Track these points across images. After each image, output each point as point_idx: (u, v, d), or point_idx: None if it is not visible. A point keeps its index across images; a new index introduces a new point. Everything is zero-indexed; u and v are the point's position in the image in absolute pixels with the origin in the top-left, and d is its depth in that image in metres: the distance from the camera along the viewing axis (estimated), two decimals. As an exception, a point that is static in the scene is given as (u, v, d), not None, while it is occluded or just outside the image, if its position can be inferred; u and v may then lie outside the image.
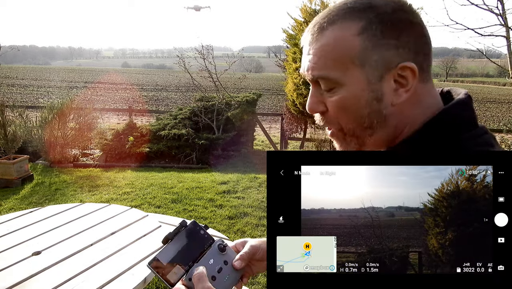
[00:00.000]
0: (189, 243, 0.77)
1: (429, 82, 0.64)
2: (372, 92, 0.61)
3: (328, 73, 0.62)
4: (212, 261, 0.75)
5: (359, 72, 0.60)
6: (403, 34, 0.59)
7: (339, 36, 0.61)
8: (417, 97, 0.62)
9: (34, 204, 4.52)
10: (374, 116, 0.62)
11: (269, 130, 11.02)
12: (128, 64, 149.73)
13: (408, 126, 0.63)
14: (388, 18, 0.59)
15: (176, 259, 0.74)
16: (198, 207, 4.34)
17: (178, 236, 0.77)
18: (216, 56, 9.14)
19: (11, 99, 17.63)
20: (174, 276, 0.73)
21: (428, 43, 0.62)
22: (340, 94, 0.62)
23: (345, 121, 0.64)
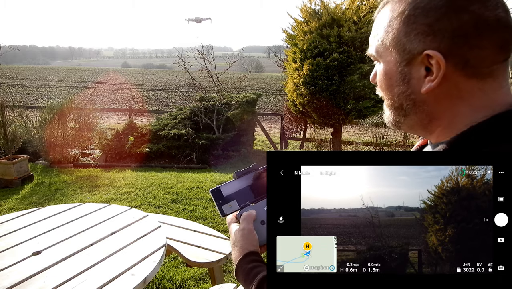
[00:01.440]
0: (253, 185, 0.81)
1: (485, 80, 0.58)
2: (400, 73, 0.62)
3: (372, 50, 0.67)
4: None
5: (392, 53, 0.62)
6: (438, 22, 0.56)
7: (384, 17, 0.64)
8: (458, 92, 0.59)
9: (34, 204, 4.52)
10: (403, 99, 0.63)
11: (269, 130, 11.02)
12: (128, 64, 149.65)
13: (448, 121, 0.61)
14: (425, 3, 0.58)
15: (235, 195, 0.80)
16: (198, 207, 4.34)
17: (247, 176, 0.82)
18: (216, 56, 9.14)
19: (11, 99, 17.62)
20: (228, 209, 0.80)
21: (480, 34, 0.55)
22: (379, 69, 0.67)
23: (385, 94, 0.67)
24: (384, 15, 0.64)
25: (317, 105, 6.59)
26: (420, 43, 0.58)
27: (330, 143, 8.03)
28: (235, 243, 0.75)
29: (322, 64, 6.43)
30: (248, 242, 0.73)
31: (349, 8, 6.74)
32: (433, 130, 0.64)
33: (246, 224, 0.75)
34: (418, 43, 0.59)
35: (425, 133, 0.66)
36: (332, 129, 7.66)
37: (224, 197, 0.80)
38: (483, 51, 0.56)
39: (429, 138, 0.68)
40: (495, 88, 0.58)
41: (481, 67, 0.57)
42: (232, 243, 0.76)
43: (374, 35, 0.66)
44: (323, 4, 6.84)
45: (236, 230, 0.76)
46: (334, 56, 6.40)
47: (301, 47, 6.83)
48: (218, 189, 0.81)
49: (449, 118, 0.61)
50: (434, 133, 0.64)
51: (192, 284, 2.77)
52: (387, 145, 8.20)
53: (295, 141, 9.34)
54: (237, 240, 0.74)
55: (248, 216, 0.76)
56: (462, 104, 0.59)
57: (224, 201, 0.80)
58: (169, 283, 2.77)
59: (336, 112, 6.63)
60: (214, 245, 2.45)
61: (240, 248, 0.73)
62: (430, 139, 0.67)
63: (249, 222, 0.75)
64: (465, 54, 0.56)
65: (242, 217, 0.76)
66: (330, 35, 6.54)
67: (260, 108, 16.69)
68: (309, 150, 7.46)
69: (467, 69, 0.57)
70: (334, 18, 6.64)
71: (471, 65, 0.56)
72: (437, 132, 0.63)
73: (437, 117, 0.62)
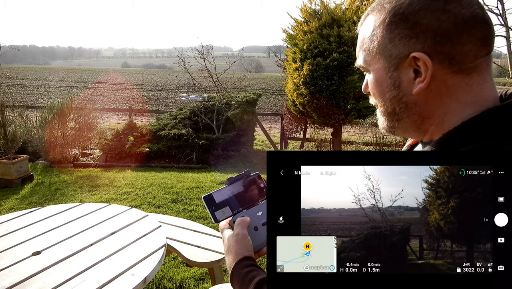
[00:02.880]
0: (246, 191, 0.82)
1: (471, 75, 0.59)
2: (390, 79, 0.64)
3: (360, 61, 0.69)
4: (260, 213, 0.80)
5: (380, 60, 0.64)
6: (419, 24, 0.59)
7: (368, 28, 0.66)
8: (447, 89, 0.60)
9: (34, 204, 4.52)
10: (395, 103, 0.65)
11: (269, 130, 11.02)
12: (128, 64, 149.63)
13: (439, 119, 0.62)
14: (403, 9, 0.60)
15: (228, 201, 0.81)
16: (198, 207, 4.34)
17: (239, 182, 0.83)
18: (216, 56, 9.13)
19: (11, 99, 17.62)
20: (221, 215, 0.80)
21: (460, 31, 0.57)
22: (370, 78, 0.68)
23: (378, 101, 0.69)
24: (367, 26, 0.67)
25: (317, 105, 6.60)
26: (405, 47, 0.60)
27: (330, 143, 8.03)
28: (229, 248, 0.75)
29: (322, 64, 6.43)
30: (243, 247, 0.73)
31: (349, 8, 6.74)
32: (427, 129, 0.65)
33: (240, 229, 0.75)
34: (403, 47, 0.60)
35: (419, 134, 0.67)
36: (332, 129, 7.67)
37: (216, 203, 0.80)
38: (465, 47, 0.58)
39: (423, 139, 0.68)
40: (480, 83, 0.60)
41: (466, 62, 0.59)
42: (226, 249, 0.77)
43: (360, 46, 0.69)
44: (323, 4, 6.84)
45: (230, 236, 0.76)
46: (334, 56, 6.40)
47: (301, 47, 6.83)
48: (211, 195, 0.81)
49: (440, 116, 0.62)
50: (427, 133, 0.65)
51: (192, 284, 2.77)
52: (387, 145, 8.21)
53: (295, 141, 9.34)
54: (231, 245, 0.75)
55: (242, 221, 0.76)
56: (451, 101, 0.61)
57: (217, 207, 0.80)
58: (169, 283, 2.77)
59: (336, 112, 6.63)
60: (214, 245, 2.45)
61: (235, 254, 0.73)
62: (424, 140, 0.68)
63: (243, 227, 0.75)
64: (449, 51, 0.58)
65: (236, 222, 0.76)
66: (330, 35, 6.54)
67: (260, 108, 16.69)
68: (309, 150, 7.47)
69: (453, 65, 0.59)
70: (334, 18, 6.64)
71: (456, 61, 0.58)
72: (430, 131, 0.64)
73: (429, 116, 0.63)
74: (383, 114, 0.69)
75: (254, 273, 0.70)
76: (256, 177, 0.85)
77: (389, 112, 0.67)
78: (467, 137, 0.58)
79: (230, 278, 0.73)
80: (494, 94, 0.61)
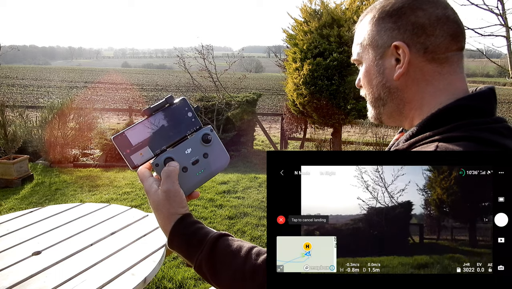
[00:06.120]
0: (170, 124, 0.66)
1: (443, 65, 0.69)
2: (376, 66, 0.73)
3: (354, 55, 0.79)
4: (189, 150, 0.66)
5: (369, 51, 0.74)
6: (401, 19, 0.69)
7: (362, 26, 0.77)
8: (423, 76, 0.69)
9: (34, 204, 4.52)
10: (380, 88, 0.74)
11: (269, 130, 11.02)
12: (128, 64, 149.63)
13: (418, 103, 0.71)
14: (389, 7, 0.71)
15: (147, 140, 0.65)
16: (198, 207, 4.34)
17: (159, 113, 0.66)
18: (216, 56, 9.13)
19: (11, 99, 17.63)
20: (139, 158, 0.64)
21: (433, 26, 0.67)
22: (362, 70, 0.77)
23: (366, 90, 0.77)
24: (361, 26, 0.77)
25: (317, 105, 6.59)
26: (388, 37, 0.71)
27: (330, 143, 8.03)
28: (159, 206, 0.66)
29: (322, 64, 6.43)
30: (177, 205, 0.65)
31: (349, 8, 6.74)
32: (408, 114, 0.73)
33: (171, 184, 0.64)
34: (387, 38, 0.71)
35: (402, 119, 0.75)
36: (332, 129, 7.67)
37: (133, 145, 0.64)
38: (437, 39, 0.68)
39: (405, 125, 0.76)
40: (451, 73, 0.69)
41: (438, 53, 0.68)
42: (153, 204, 0.66)
43: (356, 44, 0.78)
44: (323, 4, 6.84)
45: (158, 191, 0.66)
46: (334, 56, 6.40)
47: (301, 47, 6.83)
48: (123, 134, 0.64)
49: (418, 100, 0.71)
50: (409, 118, 0.73)
51: (192, 284, 2.77)
52: (387, 145, 8.20)
53: (295, 141, 9.34)
54: (161, 202, 0.65)
55: (171, 172, 0.64)
56: (428, 87, 0.70)
57: (134, 149, 0.64)
58: (169, 283, 2.77)
59: (336, 112, 6.63)
60: (214, 245, 2.44)
61: (168, 212, 0.65)
62: (406, 126, 0.75)
63: (174, 181, 0.65)
64: (424, 41, 0.68)
65: (164, 173, 0.64)
66: (330, 35, 6.54)
67: (260, 108, 16.68)
68: (309, 150, 7.47)
69: (427, 54, 0.68)
70: (334, 18, 6.64)
71: (430, 50, 0.68)
72: (411, 116, 0.72)
73: (409, 100, 0.72)
74: (371, 103, 0.77)
75: (204, 230, 0.65)
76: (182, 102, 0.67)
77: (376, 98, 0.75)
78: (444, 121, 0.64)
79: (170, 240, 0.66)
80: (465, 86, 0.70)
